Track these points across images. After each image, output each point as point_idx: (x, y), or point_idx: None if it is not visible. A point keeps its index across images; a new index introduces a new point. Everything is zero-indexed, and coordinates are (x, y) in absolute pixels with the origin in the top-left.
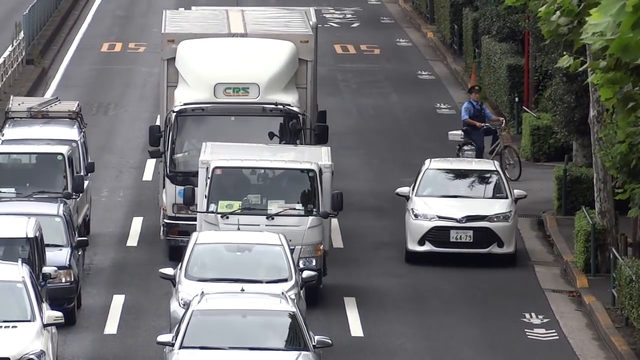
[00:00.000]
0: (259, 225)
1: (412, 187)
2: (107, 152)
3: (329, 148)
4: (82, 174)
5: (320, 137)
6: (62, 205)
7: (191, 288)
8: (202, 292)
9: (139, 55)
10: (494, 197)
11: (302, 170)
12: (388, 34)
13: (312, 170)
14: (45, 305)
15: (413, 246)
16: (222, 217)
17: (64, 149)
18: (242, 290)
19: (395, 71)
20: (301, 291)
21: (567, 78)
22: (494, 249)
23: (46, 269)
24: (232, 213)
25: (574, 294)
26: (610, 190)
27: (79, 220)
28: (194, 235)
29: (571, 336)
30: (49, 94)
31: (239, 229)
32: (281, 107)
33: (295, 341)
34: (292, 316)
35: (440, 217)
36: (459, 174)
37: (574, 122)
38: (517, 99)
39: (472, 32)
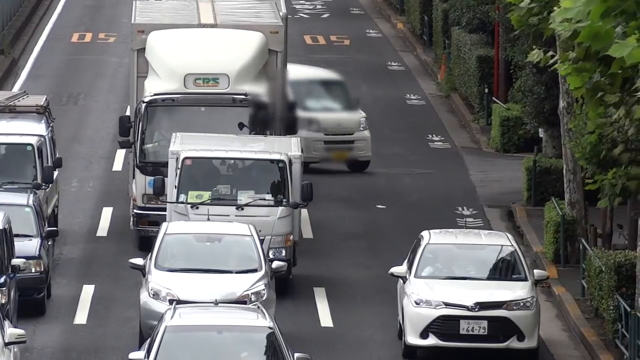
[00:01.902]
0: (228, 215)
1: (408, 265)
2: (76, 143)
3: (299, 139)
4: (50, 165)
5: (290, 128)
6: (31, 195)
7: (161, 278)
8: (175, 306)
9: (109, 46)
10: (510, 279)
11: (271, 161)
12: (358, 25)
13: (282, 161)
14: (7, 323)
15: (414, 339)
16: (191, 207)
17: (33, 140)
18: (216, 303)
19: (365, 62)
20: (271, 281)
21: (536, 69)
22: (513, 343)
23: (15, 261)
24: (201, 203)
25: (543, 284)
26: (580, 181)
27: (49, 210)
28: (164, 225)
29: (541, 327)
30: (19, 84)
31: (208, 219)
32: (251, 97)
33: (273, 358)
34: (270, 332)
35: (447, 305)
36: (467, 250)
37: (544, 113)
38: (486, 90)
39: (442, 23)
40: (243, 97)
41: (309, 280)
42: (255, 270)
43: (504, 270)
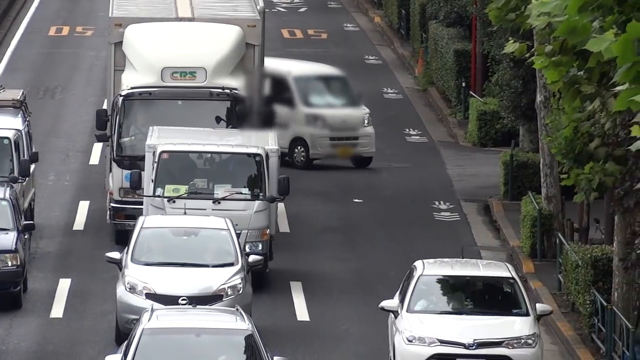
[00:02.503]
0: (205, 209)
1: (400, 298)
2: (53, 136)
3: (276, 132)
4: (27, 158)
5: (267, 122)
6: (8, 189)
7: (137, 272)
8: (152, 308)
9: (86, 39)
10: (510, 314)
11: (248, 155)
12: (335, 19)
13: (259, 155)
14: None
15: None
16: (168, 201)
17: (10, 133)
18: (194, 305)
19: (343, 56)
20: (247, 275)
21: (514, 63)
22: None
23: None
24: (178, 197)
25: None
26: (557, 176)
27: (25, 204)
28: (140, 219)
29: None
30: None
31: (185, 213)
32: (228, 91)
33: None
34: (249, 335)
35: (442, 342)
36: (464, 283)
37: (521, 107)
38: (464, 84)
39: (419, 17)
40: (220, 90)
41: (285, 274)
42: (231, 264)
43: (503, 304)
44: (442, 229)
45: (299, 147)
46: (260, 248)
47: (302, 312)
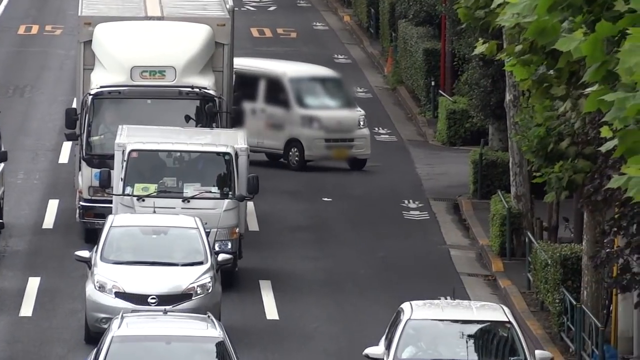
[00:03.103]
0: (174, 208)
1: (386, 344)
2: (23, 135)
3: (245, 131)
4: None
5: (236, 121)
6: None
7: (106, 270)
8: (122, 315)
9: (56, 38)
10: None
11: (218, 154)
12: (305, 18)
13: (228, 154)
14: None
15: None
16: (138, 199)
17: None
18: (165, 312)
19: (312, 55)
20: (217, 274)
21: (483, 62)
22: None
23: None
24: (148, 196)
25: (489, 277)
26: (526, 175)
27: None
28: (110, 218)
29: None
30: None
31: (154, 212)
32: (197, 90)
33: None
34: (220, 342)
35: None
36: (456, 328)
37: (490, 106)
38: (433, 83)
39: (388, 15)
40: (189, 89)
41: (254, 272)
42: (201, 263)
43: (500, 351)
44: (411, 227)
45: (293, 149)
46: (229, 247)
47: (271, 311)
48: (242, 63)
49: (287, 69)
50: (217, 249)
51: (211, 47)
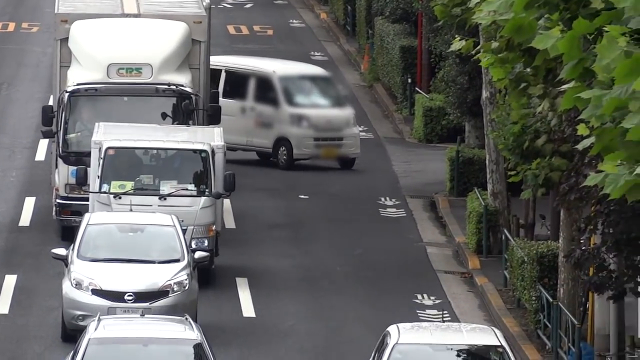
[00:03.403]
0: (151, 205)
1: None
2: None
3: (222, 129)
4: None
5: (213, 118)
6: None
7: (83, 268)
8: (99, 317)
9: (32, 35)
10: None
11: (194, 151)
12: (281, 15)
13: (205, 151)
14: None
15: None
16: (114, 197)
17: None
18: (142, 314)
19: (289, 52)
20: (193, 272)
21: (460, 60)
22: None
23: None
24: (124, 193)
25: (465, 275)
26: (503, 172)
27: None
28: (86, 215)
29: (463, 317)
30: None
31: (131, 209)
32: (174, 87)
33: None
34: (198, 345)
35: None
36: (446, 353)
37: (467, 103)
38: (409, 80)
39: (365, 13)
40: (166, 87)
41: (231, 270)
42: (177, 261)
43: None
44: (387, 225)
45: (282, 148)
46: (206, 244)
47: (247, 308)
48: (233, 61)
49: (277, 68)
50: (193, 246)
51: (188, 44)
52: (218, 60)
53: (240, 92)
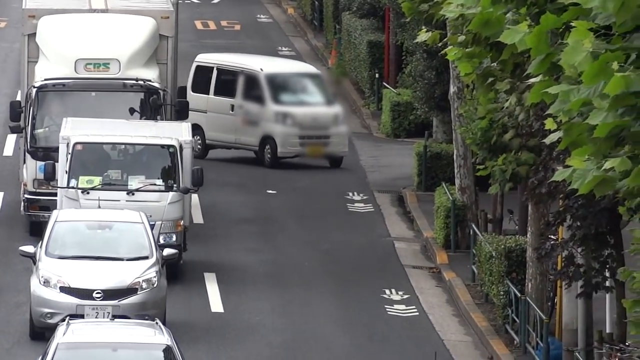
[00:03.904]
0: (119, 200)
1: None
2: None
3: (190, 124)
4: None
5: (181, 113)
6: None
7: (51, 265)
8: (68, 321)
9: (0, 31)
10: None
11: (162, 146)
12: (249, 10)
13: (173, 146)
14: None
15: None
16: (82, 192)
17: None
18: (112, 318)
19: (256, 47)
20: (162, 269)
21: (427, 54)
22: None
23: None
24: (92, 188)
25: (434, 270)
26: (471, 167)
27: None
28: (55, 212)
29: (431, 312)
30: None
31: (99, 206)
32: (142, 82)
33: None
34: (167, 349)
35: None
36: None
37: (434, 98)
38: (377, 75)
39: (332, 8)
40: (134, 82)
41: (199, 265)
42: (146, 258)
43: None
44: (355, 220)
45: (267, 146)
46: (174, 239)
47: (216, 303)
48: (224, 59)
49: (264, 65)
50: (161, 241)
51: (155, 39)
52: (210, 58)
53: (230, 90)
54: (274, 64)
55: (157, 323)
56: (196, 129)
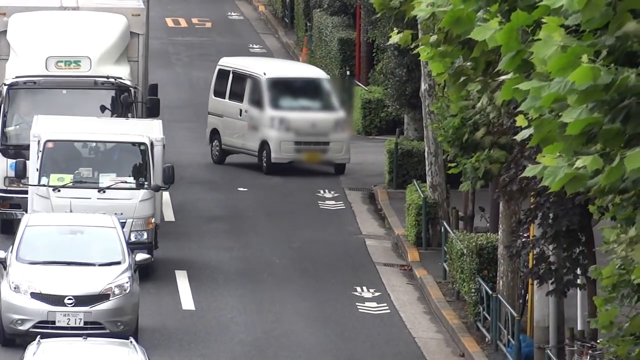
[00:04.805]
0: (90, 198)
1: None
2: None
3: (161, 121)
4: None
5: (152, 111)
6: None
7: (22, 271)
8: (38, 340)
9: None
10: None
11: (133, 144)
12: (220, 7)
13: (144, 144)
14: None
15: None
16: (53, 190)
17: None
18: (85, 338)
19: (227, 44)
20: (135, 274)
21: (398, 52)
22: None
23: None
24: (63, 186)
25: (405, 267)
26: (442, 164)
27: None
28: (25, 217)
29: (402, 310)
30: None
31: (71, 209)
32: (113, 80)
33: None
34: None
35: None
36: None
37: (405, 95)
38: (348, 73)
39: (303, 5)
40: (105, 79)
41: (170, 263)
42: (118, 263)
43: None
44: (326, 217)
45: (264, 151)
46: (145, 237)
47: (187, 301)
48: (239, 63)
49: (268, 69)
50: (132, 239)
51: (126, 37)
52: (229, 62)
53: (240, 95)
54: (280, 69)
55: (131, 342)
56: (215, 134)
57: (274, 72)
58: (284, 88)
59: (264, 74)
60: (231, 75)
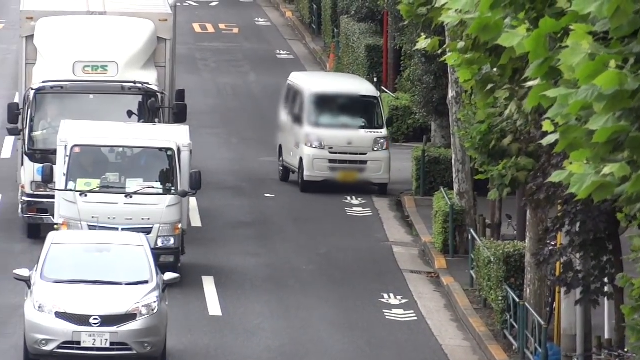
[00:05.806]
0: (117, 203)
1: None
2: None
3: (188, 127)
4: None
5: (179, 116)
6: None
7: (47, 290)
8: None
9: None
10: None
11: (160, 149)
12: (247, 13)
13: (171, 149)
14: None
15: None
16: (80, 195)
17: None
18: None
19: (254, 50)
20: (163, 294)
21: (426, 59)
22: None
23: None
24: (90, 191)
25: (432, 274)
26: (469, 171)
27: None
28: (51, 234)
29: (429, 317)
30: None
31: (96, 228)
32: (140, 85)
33: None
34: None
35: None
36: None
37: (433, 102)
38: (375, 79)
39: (331, 11)
40: (132, 84)
41: (197, 268)
42: (146, 282)
43: None
44: (354, 224)
45: (300, 168)
46: (172, 242)
47: (214, 307)
48: (302, 78)
49: (313, 84)
50: (159, 245)
51: (153, 42)
52: (297, 77)
53: (293, 110)
54: (324, 84)
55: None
56: (281, 150)
57: (319, 87)
58: (326, 104)
59: (309, 89)
60: (291, 90)
